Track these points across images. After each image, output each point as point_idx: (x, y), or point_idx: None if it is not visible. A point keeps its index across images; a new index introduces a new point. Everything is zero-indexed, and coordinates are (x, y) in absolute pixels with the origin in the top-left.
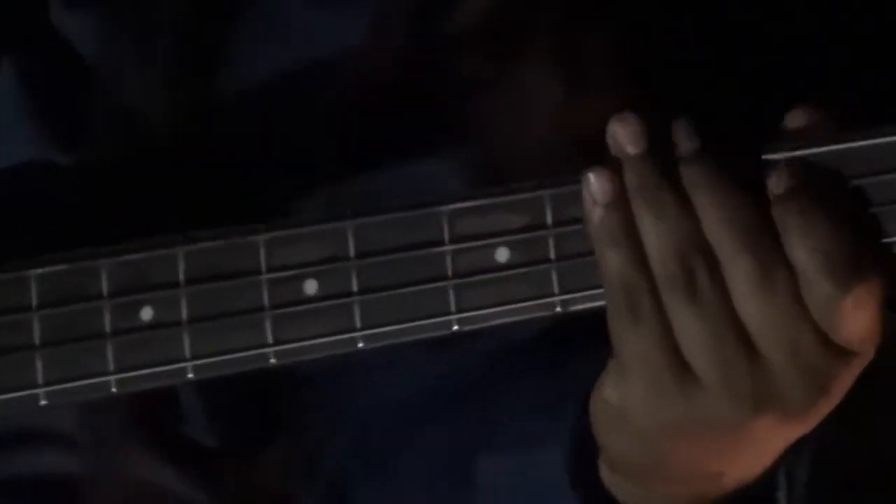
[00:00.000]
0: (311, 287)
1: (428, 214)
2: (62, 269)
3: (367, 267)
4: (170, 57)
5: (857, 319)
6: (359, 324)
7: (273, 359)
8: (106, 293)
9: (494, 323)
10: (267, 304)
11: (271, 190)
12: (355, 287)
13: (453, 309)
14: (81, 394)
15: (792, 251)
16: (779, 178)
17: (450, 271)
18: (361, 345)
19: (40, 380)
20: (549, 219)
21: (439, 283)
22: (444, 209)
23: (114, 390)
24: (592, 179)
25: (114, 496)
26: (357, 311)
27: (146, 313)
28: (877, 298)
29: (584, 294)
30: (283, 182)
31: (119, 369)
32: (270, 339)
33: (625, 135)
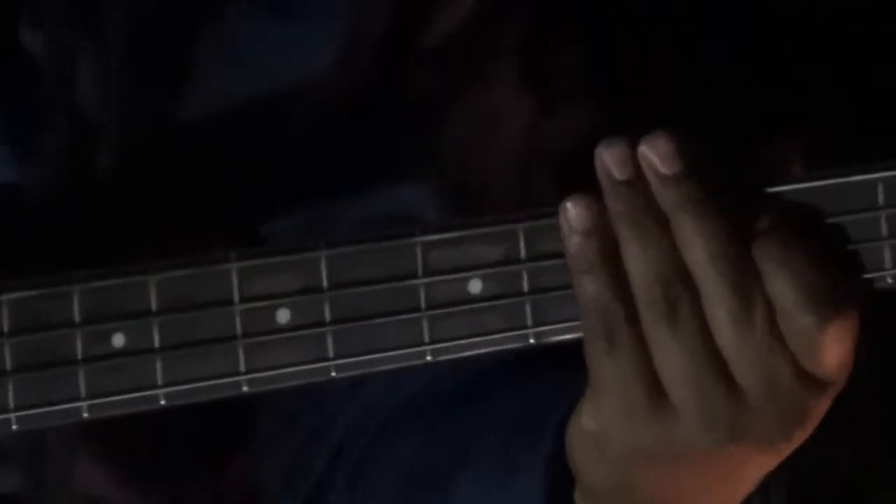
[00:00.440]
0: (283, 316)
1: (402, 245)
2: (34, 294)
3: (340, 297)
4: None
5: (834, 351)
6: (332, 353)
7: (246, 387)
8: (78, 319)
9: (468, 354)
10: (239, 333)
11: (238, 214)
12: (328, 317)
13: (427, 340)
14: (53, 419)
15: (772, 285)
16: (762, 213)
17: (423, 302)
18: (334, 374)
19: (11, 405)
20: (523, 252)
21: (413, 315)
22: (418, 240)
23: (85, 416)
24: (569, 208)
25: None
26: (330, 341)
27: (118, 340)
28: (853, 331)
29: (557, 326)
30: (250, 206)
31: (91, 395)
32: (243, 368)
33: (613, 160)
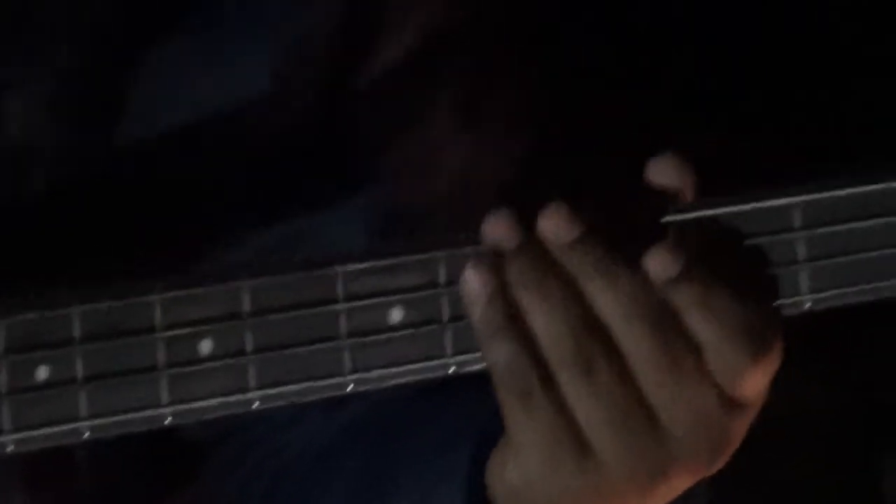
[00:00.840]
0: (206, 346)
1: (323, 274)
2: None
3: (262, 326)
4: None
5: (760, 380)
6: (254, 384)
7: (169, 419)
8: (1, 351)
9: (389, 384)
10: (162, 363)
11: (171, 242)
12: (250, 346)
13: (348, 369)
14: None
15: (695, 327)
16: (666, 263)
17: (344, 331)
18: (257, 405)
19: None
20: (443, 279)
21: (333, 343)
22: (339, 269)
23: (10, 449)
24: (468, 279)
25: None
26: (252, 371)
27: (42, 372)
28: (778, 358)
29: (478, 356)
30: (185, 234)
31: (16, 428)
32: (166, 399)
33: (499, 231)
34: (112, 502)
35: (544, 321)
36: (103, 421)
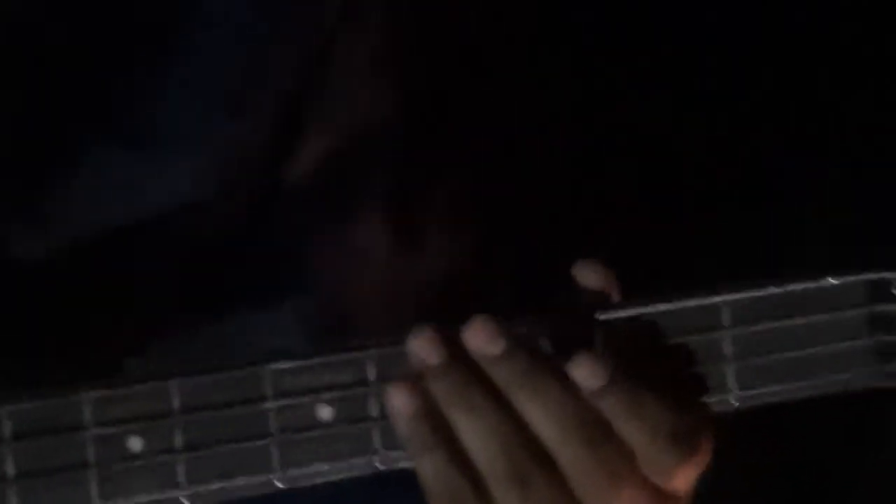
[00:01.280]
0: (135, 444)
1: (252, 372)
2: None
3: (191, 424)
4: None
5: (692, 475)
6: (183, 480)
7: None
8: None
9: (319, 480)
10: (92, 461)
11: (99, 343)
12: (180, 444)
13: (277, 466)
14: None
15: (626, 435)
16: (593, 372)
17: (274, 428)
18: (186, 502)
19: None
20: (372, 377)
21: (263, 440)
22: (268, 367)
23: None
24: (392, 398)
25: None
26: (181, 469)
27: None
28: (709, 452)
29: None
30: (117, 335)
31: None
32: (96, 496)
33: (422, 348)
34: None
35: (474, 437)
36: None
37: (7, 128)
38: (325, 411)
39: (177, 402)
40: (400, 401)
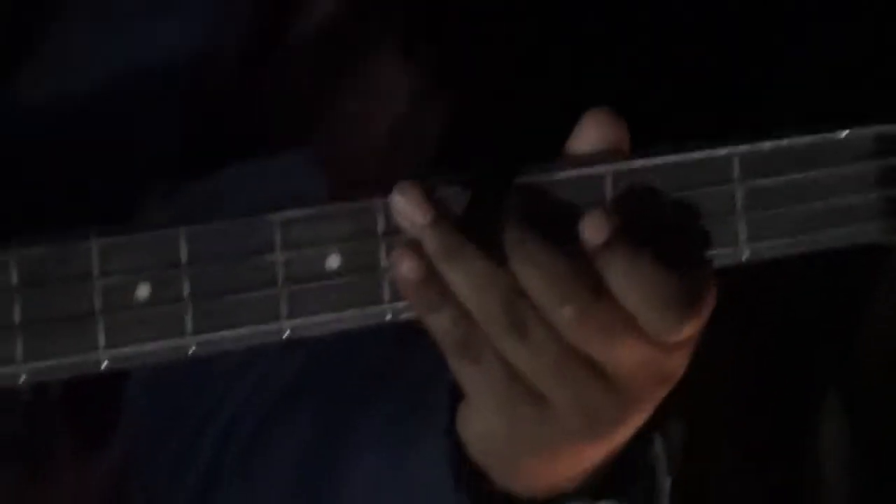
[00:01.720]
0: (143, 292)
1: (260, 221)
2: None
3: (199, 273)
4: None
5: (693, 328)
6: (191, 329)
7: (106, 363)
8: None
9: (326, 331)
10: (99, 309)
11: (113, 193)
12: (187, 293)
13: (285, 315)
14: None
15: (622, 297)
16: (592, 229)
17: (281, 278)
18: (193, 350)
19: None
20: (381, 228)
21: (271, 290)
22: (276, 217)
23: None
24: (398, 262)
25: None
26: (189, 318)
27: None
28: (710, 307)
29: None
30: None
31: None
32: (103, 344)
33: (408, 206)
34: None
35: (471, 293)
36: (40, 365)
37: None
38: (334, 261)
39: (185, 251)
40: (405, 266)
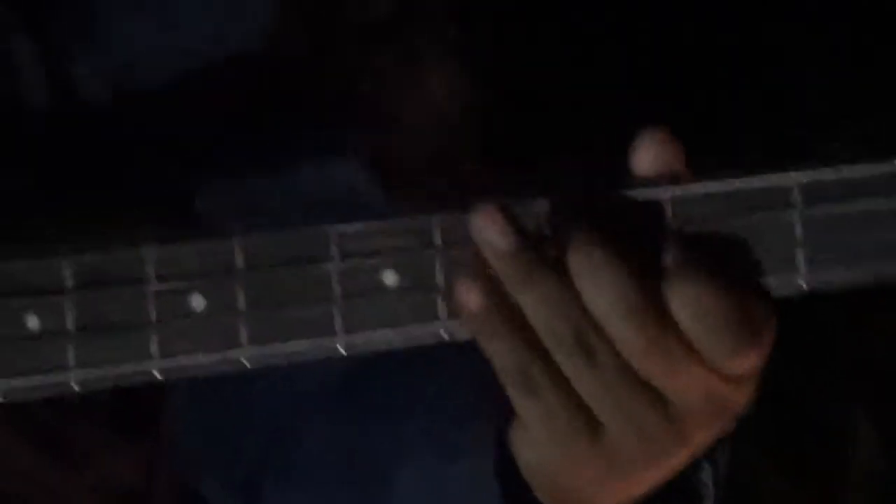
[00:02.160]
0: (197, 301)
1: (317, 233)
2: None
3: (254, 283)
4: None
5: (754, 361)
6: (245, 341)
7: (157, 374)
8: None
9: (381, 347)
10: (153, 317)
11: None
12: (242, 303)
13: (340, 330)
14: None
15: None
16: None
17: (337, 291)
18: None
19: None
20: (438, 243)
21: (326, 304)
22: (333, 229)
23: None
24: (462, 294)
25: None
26: (243, 329)
27: (31, 321)
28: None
29: None
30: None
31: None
32: (156, 353)
33: (490, 231)
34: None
35: (540, 313)
36: (92, 372)
37: None
38: (390, 276)
39: (240, 260)
40: (468, 298)
